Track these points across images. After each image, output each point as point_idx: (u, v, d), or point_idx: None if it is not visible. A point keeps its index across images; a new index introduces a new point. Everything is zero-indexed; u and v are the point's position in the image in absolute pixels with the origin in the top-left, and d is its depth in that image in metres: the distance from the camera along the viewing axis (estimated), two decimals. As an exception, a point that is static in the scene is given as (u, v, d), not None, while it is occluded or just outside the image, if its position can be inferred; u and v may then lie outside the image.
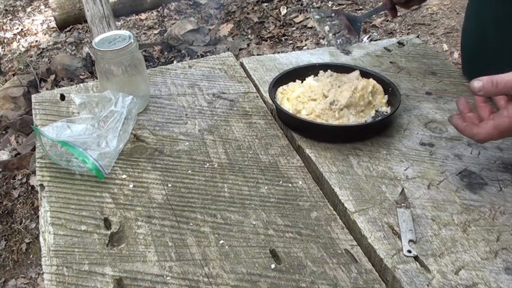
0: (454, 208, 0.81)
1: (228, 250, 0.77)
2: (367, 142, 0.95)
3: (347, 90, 0.96)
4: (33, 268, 2.09)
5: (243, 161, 0.93)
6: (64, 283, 0.72)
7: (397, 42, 1.29)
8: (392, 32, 3.37)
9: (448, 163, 0.90)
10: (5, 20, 4.12)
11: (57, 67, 3.22)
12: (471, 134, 0.79)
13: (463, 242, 0.76)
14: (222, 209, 0.84)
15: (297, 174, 0.91)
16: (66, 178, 0.90)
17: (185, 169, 0.92)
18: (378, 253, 0.75)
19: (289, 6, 3.84)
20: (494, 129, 0.76)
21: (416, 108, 1.04)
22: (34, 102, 1.11)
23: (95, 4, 3.13)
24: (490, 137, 0.77)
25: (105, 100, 0.98)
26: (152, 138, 0.99)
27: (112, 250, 0.77)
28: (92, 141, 0.91)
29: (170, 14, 3.92)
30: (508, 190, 0.84)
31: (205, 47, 3.38)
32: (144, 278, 0.73)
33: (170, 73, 1.19)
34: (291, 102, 1.00)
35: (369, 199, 0.83)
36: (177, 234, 0.79)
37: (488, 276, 0.71)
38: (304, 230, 0.80)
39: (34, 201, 2.37)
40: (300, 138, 0.97)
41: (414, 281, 0.70)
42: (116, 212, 0.83)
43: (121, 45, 0.99)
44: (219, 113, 1.06)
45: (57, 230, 0.80)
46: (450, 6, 3.52)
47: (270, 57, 1.24)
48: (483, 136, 0.77)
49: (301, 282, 0.72)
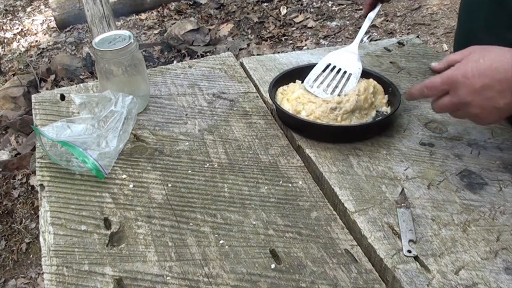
0: (454, 208, 0.81)
1: (227, 250, 0.77)
2: (367, 142, 0.95)
3: (351, 95, 0.96)
4: (33, 267, 2.09)
5: (243, 161, 0.93)
6: (64, 283, 0.72)
7: (397, 42, 1.29)
8: (392, 32, 3.37)
9: (448, 163, 0.90)
10: (5, 20, 4.12)
11: (57, 67, 3.22)
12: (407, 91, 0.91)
13: (463, 242, 0.76)
14: (222, 209, 0.84)
15: (297, 174, 0.91)
16: (66, 178, 0.90)
17: (185, 169, 0.92)
18: (378, 253, 0.75)
19: (289, 6, 3.84)
20: (423, 86, 0.85)
21: (416, 108, 1.04)
22: (34, 102, 1.11)
23: (95, 3, 3.13)
24: (418, 92, 0.87)
25: (105, 100, 0.98)
26: (152, 138, 0.99)
27: (112, 250, 0.77)
28: (92, 141, 0.91)
29: (170, 14, 3.92)
30: (507, 190, 0.84)
31: (205, 47, 3.38)
32: (144, 278, 0.73)
33: (170, 73, 1.19)
34: (291, 103, 1.00)
35: (369, 199, 0.83)
36: (177, 234, 0.79)
37: (488, 276, 0.71)
38: (304, 230, 0.80)
39: (34, 201, 2.37)
40: (300, 138, 0.97)
41: (414, 281, 0.70)
42: (116, 212, 0.83)
43: (121, 45, 0.99)
44: (219, 113, 1.06)
45: (57, 230, 0.80)
46: (450, 6, 3.52)
47: (270, 57, 1.24)
48: (412, 90, 0.88)
49: (301, 282, 0.72)
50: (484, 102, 0.79)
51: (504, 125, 0.99)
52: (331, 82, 1.01)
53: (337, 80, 1.01)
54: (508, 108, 0.78)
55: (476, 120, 0.83)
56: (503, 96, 0.77)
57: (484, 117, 0.81)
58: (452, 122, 1.00)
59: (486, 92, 0.78)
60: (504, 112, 0.79)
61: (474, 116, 0.82)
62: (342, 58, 1.05)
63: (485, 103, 0.79)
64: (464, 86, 0.79)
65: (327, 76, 1.03)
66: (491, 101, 0.78)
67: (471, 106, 0.80)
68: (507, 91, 0.77)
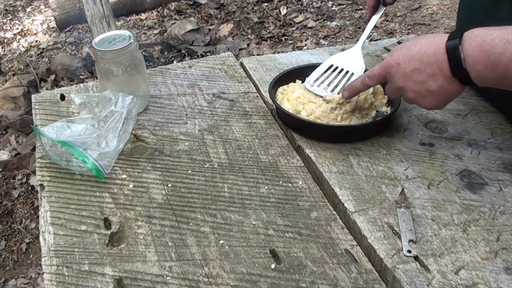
0: (454, 208, 0.81)
1: (227, 250, 0.77)
2: (367, 142, 0.95)
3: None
4: (33, 267, 2.09)
5: (243, 161, 0.93)
6: (64, 283, 0.72)
7: (397, 42, 1.29)
8: (392, 32, 3.37)
9: (448, 163, 0.90)
10: (5, 20, 4.12)
11: (57, 67, 3.22)
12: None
13: (463, 242, 0.76)
14: (222, 209, 0.84)
15: (297, 174, 0.91)
16: (66, 178, 0.90)
17: (185, 169, 0.92)
18: (378, 253, 0.75)
19: (289, 6, 3.84)
20: (364, 75, 0.89)
21: (416, 108, 1.04)
22: (34, 102, 1.11)
23: (95, 3, 3.13)
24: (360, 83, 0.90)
25: (105, 100, 0.98)
26: (152, 138, 0.99)
27: (112, 250, 0.77)
28: (92, 141, 0.91)
29: (170, 14, 3.92)
30: (507, 190, 0.84)
31: (205, 47, 3.38)
32: (144, 278, 0.73)
33: (170, 73, 1.19)
34: (291, 103, 1.00)
35: (369, 199, 0.83)
36: (177, 234, 0.79)
37: (488, 276, 0.71)
38: (304, 230, 0.80)
39: (34, 201, 2.36)
40: (300, 138, 0.97)
41: (414, 281, 0.70)
42: (116, 212, 0.83)
43: (121, 45, 0.99)
44: (219, 113, 1.06)
45: (57, 230, 0.80)
46: (450, 6, 3.52)
47: (270, 57, 1.24)
48: (354, 83, 0.92)
49: (301, 282, 0.72)
50: (417, 86, 0.80)
51: (504, 125, 0.99)
52: (332, 81, 1.01)
53: (339, 79, 1.01)
54: (444, 91, 0.79)
55: (420, 105, 0.84)
56: (434, 79, 0.78)
57: (421, 101, 0.83)
58: (452, 122, 1.00)
59: (417, 76, 0.79)
60: (444, 96, 0.80)
61: (413, 100, 0.84)
62: (345, 60, 1.04)
63: (418, 87, 0.80)
64: (397, 71, 0.82)
65: (328, 76, 1.02)
66: (424, 84, 0.80)
67: (406, 91, 0.83)
68: (438, 74, 0.78)
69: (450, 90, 0.79)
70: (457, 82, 0.77)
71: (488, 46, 0.72)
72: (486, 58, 0.72)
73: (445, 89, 0.79)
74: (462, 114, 1.02)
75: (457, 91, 0.79)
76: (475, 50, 0.73)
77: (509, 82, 0.73)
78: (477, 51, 0.73)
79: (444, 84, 0.78)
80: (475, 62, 0.73)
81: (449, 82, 0.78)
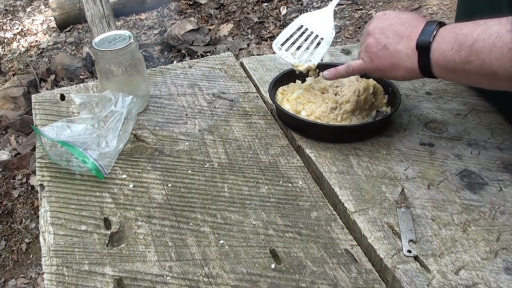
0: (454, 208, 0.81)
1: (228, 250, 0.77)
2: (367, 142, 0.95)
3: (351, 95, 0.96)
4: (33, 267, 2.09)
5: (243, 161, 0.93)
6: (64, 283, 0.72)
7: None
8: (392, 32, 3.37)
9: (448, 163, 0.90)
10: (5, 20, 4.12)
11: (57, 67, 3.22)
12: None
13: (463, 242, 0.76)
14: (222, 209, 0.84)
15: (297, 174, 0.91)
16: (66, 178, 0.90)
17: (185, 169, 0.92)
18: (378, 253, 0.75)
19: (289, 6, 3.84)
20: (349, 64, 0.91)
21: (416, 108, 1.04)
22: (34, 102, 1.11)
23: (95, 3, 3.13)
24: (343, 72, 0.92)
25: (105, 100, 0.98)
26: (152, 138, 0.99)
27: (112, 250, 0.77)
28: (92, 141, 0.91)
29: (170, 14, 3.92)
30: (508, 190, 0.84)
31: (205, 47, 3.38)
32: (144, 278, 0.73)
33: (170, 73, 1.19)
34: (291, 103, 1.00)
35: (369, 199, 0.83)
36: (177, 234, 0.79)
37: (488, 276, 0.71)
38: (304, 230, 0.80)
39: (34, 201, 2.36)
40: (300, 138, 0.97)
41: (414, 281, 0.70)
42: (116, 212, 0.83)
43: (121, 45, 0.99)
44: (219, 113, 1.06)
45: (57, 230, 0.80)
46: (450, 6, 3.52)
47: (270, 57, 1.24)
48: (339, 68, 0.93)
49: (301, 282, 0.72)
50: (381, 37, 0.84)
51: (504, 125, 0.99)
52: (301, 46, 0.98)
53: (307, 44, 0.98)
54: (397, 58, 0.82)
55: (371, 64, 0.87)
56: (398, 42, 0.82)
57: (375, 56, 0.85)
58: (452, 122, 1.00)
59: (387, 31, 0.84)
60: (393, 64, 0.83)
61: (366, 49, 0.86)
62: (315, 21, 1.00)
63: (381, 36, 0.84)
64: (373, 21, 0.87)
65: (297, 38, 0.99)
66: (387, 39, 0.83)
67: (369, 36, 0.86)
68: (405, 38, 0.82)
69: (403, 60, 0.82)
70: (415, 57, 0.80)
71: (458, 28, 0.77)
72: (453, 38, 0.76)
73: (399, 55, 0.82)
74: (462, 114, 1.03)
75: (407, 67, 0.82)
76: (446, 29, 0.78)
77: (466, 73, 0.75)
78: (447, 31, 0.78)
79: (402, 49, 0.82)
80: (442, 40, 0.78)
81: (409, 53, 0.81)
